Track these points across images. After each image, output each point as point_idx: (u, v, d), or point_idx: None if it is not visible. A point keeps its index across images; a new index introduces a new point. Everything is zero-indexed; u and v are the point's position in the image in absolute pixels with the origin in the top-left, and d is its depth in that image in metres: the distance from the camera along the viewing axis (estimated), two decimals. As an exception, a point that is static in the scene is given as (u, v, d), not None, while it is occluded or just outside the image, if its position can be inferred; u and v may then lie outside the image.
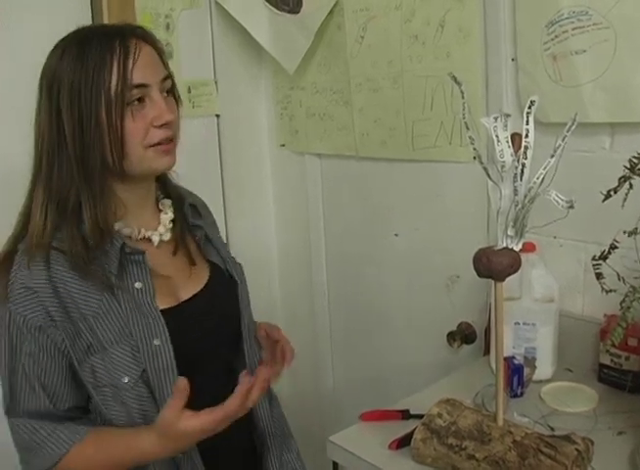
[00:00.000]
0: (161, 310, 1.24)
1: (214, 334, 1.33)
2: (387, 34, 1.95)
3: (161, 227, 1.33)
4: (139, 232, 1.29)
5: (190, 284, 1.33)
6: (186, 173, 2.27)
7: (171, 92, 1.28)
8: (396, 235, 2.12)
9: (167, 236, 1.33)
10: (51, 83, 1.18)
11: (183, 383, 1.12)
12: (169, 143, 1.24)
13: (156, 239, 1.31)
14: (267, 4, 2.19)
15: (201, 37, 2.29)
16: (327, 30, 2.13)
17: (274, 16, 2.18)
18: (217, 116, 2.35)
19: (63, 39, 1.22)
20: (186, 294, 1.31)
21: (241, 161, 2.42)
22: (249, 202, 2.47)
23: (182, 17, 2.21)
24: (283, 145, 2.44)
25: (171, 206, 1.38)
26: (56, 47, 1.21)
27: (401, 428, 1.42)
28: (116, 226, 1.24)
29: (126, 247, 1.22)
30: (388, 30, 1.94)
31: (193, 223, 1.41)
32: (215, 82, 2.32)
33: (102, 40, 1.18)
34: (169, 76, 1.26)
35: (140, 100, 1.19)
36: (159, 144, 1.22)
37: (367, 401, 1.64)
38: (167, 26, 2.16)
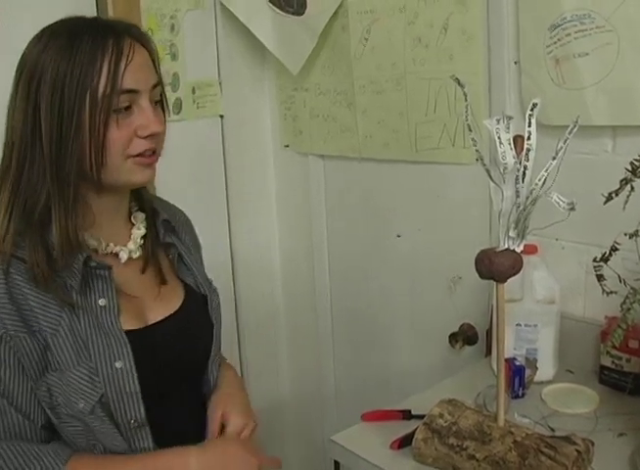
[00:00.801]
0: (126, 332, 1.14)
1: (182, 360, 1.26)
2: (390, 36, 1.96)
3: (131, 243, 1.24)
4: (107, 246, 1.20)
5: (159, 306, 1.25)
6: (190, 174, 2.30)
7: (160, 102, 1.19)
8: (399, 236, 2.12)
9: (137, 253, 1.25)
10: (31, 73, 1.08)
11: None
12: (152, 155, 1.15)
13: (124, 255, 1.22)
14: (271, 5, 2.20)
15: (205, 38, 2.30)
16: (331, 32, 2.14)
17: (278, 17, 2.19)
18: (221, 116, 2.36)
19: (49, 27, 1.12)
20: (154, 316, 1.23)
21: (244, 161, 2.43)
22: (252, 202, 2.48)
23: (187, 17, 2.22)
24: (287, 146, 2.45)
25: (144, 220, 1.28)
26: (41, 34, 1.11)
27: (403, 428, 1.42)
28: (83, 235, 1.14)
29: (91, 261, 1.13)
30: (391, 33, 1.95)
31: (164, 241, 1.31)
32: (220, 83, 2.33)
33: (94, 35, 1.08)
34: (160, 83, 1.18)
35: (127, 107, 1.10)
36: (140, 155, 1.13)
37: (369, 401, 1.65)
38: (172, 27, 2.17)
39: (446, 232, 1.99)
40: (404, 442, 1.37)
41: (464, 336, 1.96)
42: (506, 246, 1.14)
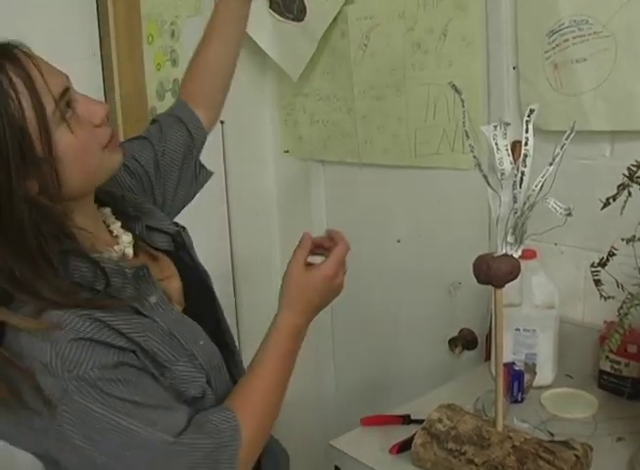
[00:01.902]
0: None
1: (214, 320, 1.31)
2: (390, 42, 1.97)
3: (125, 237, 1.20)
4: (117, 252, 1.16)
5: (170, 286, 1.22)
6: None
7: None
8: (399, 241, 2.13)
9: (132, 242, 1.21)
10: None
11: (307, 236, 1.18)
12: (114, 138, 1.10)
13: (129, 251, 1.19)
14: (271, 11, 2.20)
15: (205, 44, 2.31)
16: (331, 38, 2.15)
17: (278, 23, 2.20)
18: (222, 122, 2.36)
19: None
20: (178, 301, 1.21)
21: (245, 167, 2.43)
22: (252, 208, 2.48)
23: (187, 24, 2.22)
24: (287, 151, 2.45)
25: (111, 212, 1.23)
26: None
27: (402, 432, 1.43)
28: (97, 257, 1.07)
29: (128, 271, 1.09)
30: (391, 38, 1.96)
31: (131, 214, 1.25)
32: (220, 89, 2.33)
33: None
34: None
35: (68, 105, 1.02)
36: (109, 142, 1.08)
37: (368, 406, 1.65)
38: (173, 33, 2.18)
39: (446, 237, 1.99)
40: (403, 446, 1.37)
41: (463, 341, 1.96)
42: (504, 251, 1.14)
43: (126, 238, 1.20)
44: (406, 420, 1.50)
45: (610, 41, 1.50)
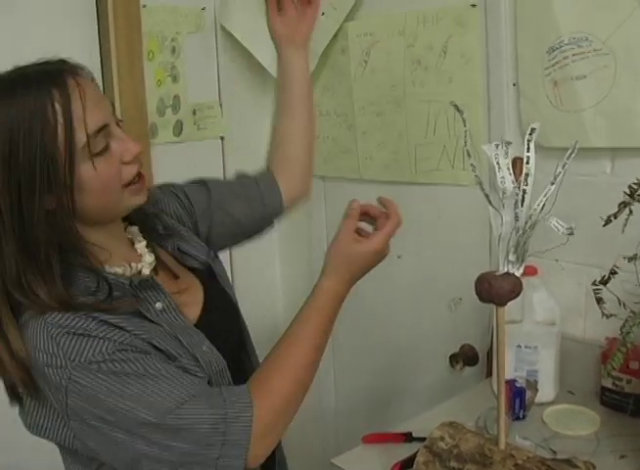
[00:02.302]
0: None
1: (229, 346, 1.32)
2: (390, 59, 1.97)
3: (147, 256, 1.26)
4: (131, 268, 1.22)
5: (188, 302, 1.28)
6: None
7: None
8: (399, 257, 2.12)
9: (154, 263, 1.27)
10: None
11: (355, 204, 1.21)
12: (140, 180, 1.17)
13: (146, 271, 1.24)
14: (272, 28, 2.21)
15: (206, 60, 2.31)
16: (331, 54, 2.15)
17: (279, 40, 2.20)
18: (222, 138, 2.37)
19: None
20: (193, 311, 1.28)
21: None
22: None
23: (188, 40, 2.23)
24: (287, 167, 2.46)
25: (139, 231, 1.31)
26: None
27: (404, 451, 1.42)
28: (108, 269, 1.16)
29: (133, 281, 1.16)
30: (391, 55, 1.97)
31: (163, 233, 1.34)
32: (220, 105, 2.34)
33: (33, 88, 1.03)
34: (112, 104, 1.17)
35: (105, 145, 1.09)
36: (131, 183, 1.15)
37: (369, 423, 1.65)
38: (173, 50, 2.18)
39: (447, 253, 1.99)
40: (405, 465, 1.37)
41: (464, 357, 1.96)
42: (506, 270, 1.14)
43: (148, 258, 1.27)
44: (408, 438, 1.50)
45: (609, 58, 1.51)
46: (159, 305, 1.18)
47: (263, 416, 1.10)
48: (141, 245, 1.28)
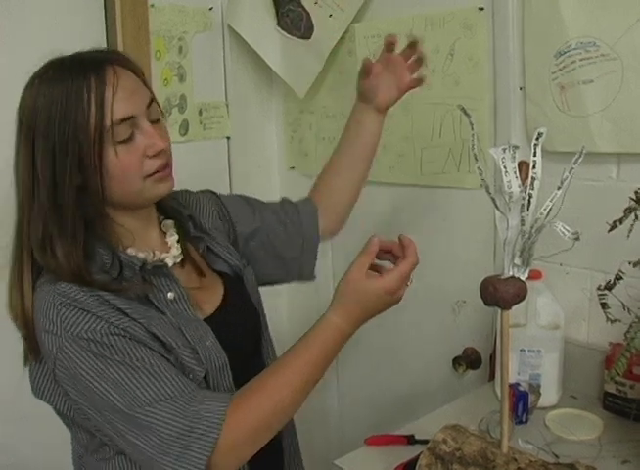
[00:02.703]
0: None
1: (240, 346, 1.32)
2: (397, 61, 1.97)
3: (174, 249, 1.30)
4: (154, 255, 1.26)
5: (206, 299, 1.31)
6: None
7: (159, 116, 1.22)
8: (404, 259, 2.13)
9: (180, 257, 1.31)
10: (27, 122, 1.13)
11: (374, 241, 1.16)
12: (166, 169, 1.20)
13: (170, 262, 1.27)
14: (279, 29, 2.22)
15: (213, 60, 2.32)
16: (338, 56, 2.16)
17: (286, 40, 2.21)
18: (228, 138, 2.37)
19: (37, 73, 1.15)
20: (207, 309, 1.29)
21: (250, 183, 2.44)
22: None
23: (195, 40, 2.24)
24: (292, 168, 2.47)
25: (174, 226, 1.35)
26: (31, 81, 1.15)
27: (406, 453, 1.42)
28: (130, 251, 1.21)
29: (147, 265, 1.20)
30: (398, 57, 1.97)
31: (194, 235, 1.37)
32: (227, 105, 2.35)
33: (75, 73, 1.11)
34: (153, 99, 1.20)
35: (132, 131, 1.14)
36: (156, 172, 1.18)
37: (372, 425, 1.65)
38: (180, 49, 2.19)
39: (451, 256, 1.99)
40: (408, 467, 1.37)
41: (467, 360, 1.96)
42: (511, 273, 1.14)
43: (175, 251, 1.31)
44: (410, 440, 1.50)
45: (616, 63, 1.51)
46: (170, 294, 1.21)
47: (232, 430, 1.09)
48: (172, 238, 1.32)
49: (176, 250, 1.31)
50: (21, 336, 1.17)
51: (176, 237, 1.33)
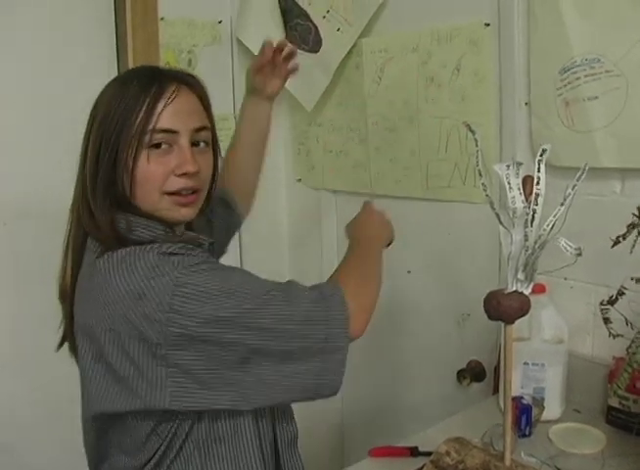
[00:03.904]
0: None
1: None
2: (403, 75, 1.99)
3: None
4: None
5: None
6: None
7: (209, 144, 1.25)
8: (409, 272, 2.14)
9: None
10: (93, 113, 1.20)
11: None
12: (190, 195, 1.20)
13: None
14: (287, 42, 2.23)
15: (222, 73, 2.34)
16: (345, 70, 2.18)
17: (294, 54, 2.23)
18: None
19: (118, 76, 1.26)
20: None
21: (257, 194, 2.45)
22: (263, 236, 2.50)
23: (204, 52, 2.26)
24: (299, 180, 2.48)
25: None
26: (109, 82, 1.23)
27: (410, 465, 1.43)
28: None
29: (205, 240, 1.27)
30: (404, 72, 1.99)
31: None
32: (235, 117, 2.36)
33: (142, 80, 1.18)
34: (207, 128, 1.24)
35: (169, 145, 1.17)
36: (177, 194, 1.18)
37: (376, 437, 1.66)
38: (189, 62, 2.21)
39: (456, 269, 2.00)
40: (411, 479, 1.38)
41: (471, 373, 1.97)
42: (514, 288, 1.15)
43: None
44: (414, 452, 1.51)
45: (621, 80, 1.52)
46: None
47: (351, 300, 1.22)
48: None
49: None
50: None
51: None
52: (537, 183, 1.11)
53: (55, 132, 1.95)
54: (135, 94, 1.16)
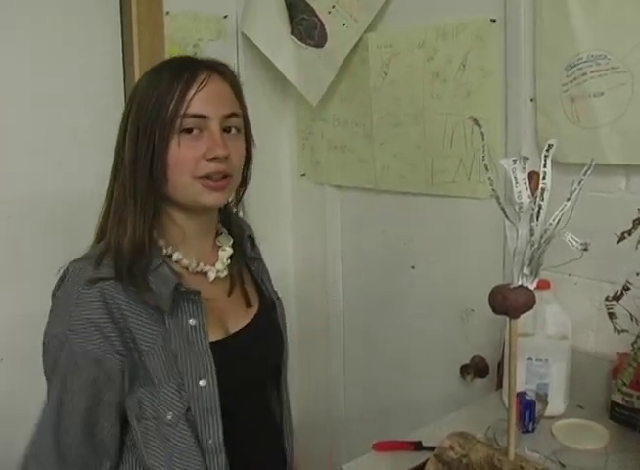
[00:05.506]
0: (210, 343, 1.21)
1: (258, 368, 1.35)
2: (409, 71, 1.99)
3: (219, 264, 1.32)
4: (197, 265, 1.28)
5: (240, 317, 1.33)
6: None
7: (240, 131, 1.26)
8: (413, 268, 2.14)
9: (224, 273, 1.32)
10: (129, 103, 1.22)
11: None
12: (221, 179, 1.21)
13: (212, 275, 1.30)
14: (293, 37, 2.24)
15: (226, 67, 2.34)
16: (351, 65, 2.18)
17: (299, 49, 2.23)
18: (239, 146, 2.39)
19: (154, 66, 1.27)
20: (235, 325, 1.30)
21: (261, 189, 2.42)
22: (267, 231, 2.48)
23: (209, 47, 2.26)
24: (304, 175, 2.48)
25: (230, 241, 1.37)
26: (145, 72, 1.26)
27: (413, 459, 1.43)
28: (175, 256, 1.24)
29: (181, 286, 1.19)
30: (410, 67, 1.99)
31: (250, 255, 1.43)
32: (239, 112, 2.36)
33: (175, 68, 1.20)
34: (238, 115, 1.25)
35: (200, 130, 1.18)
36: (208, 178, 1.19)
37: (379, 431, 1.65)
38: (195, 56, 2.21)
39: (460, 264, 2.00)
40: (414, 473, 1.38)
41: (475, 368, 1.97)
42: (520, 283, 1.15)
43: (220, 266, 1.32)
44: (417, 446, 1.51)
45: (627, 76, 1.52)
46: (192, 321, 1.20)
47: None
48: (223, 253, 1.34)
49: (221, 265, 1.32)
50: None
51: (229, 252, 1.35)
52: (543, 178, 1.10)
53: (55, 132, 1.95)
54: (168, 81, 1.18)
